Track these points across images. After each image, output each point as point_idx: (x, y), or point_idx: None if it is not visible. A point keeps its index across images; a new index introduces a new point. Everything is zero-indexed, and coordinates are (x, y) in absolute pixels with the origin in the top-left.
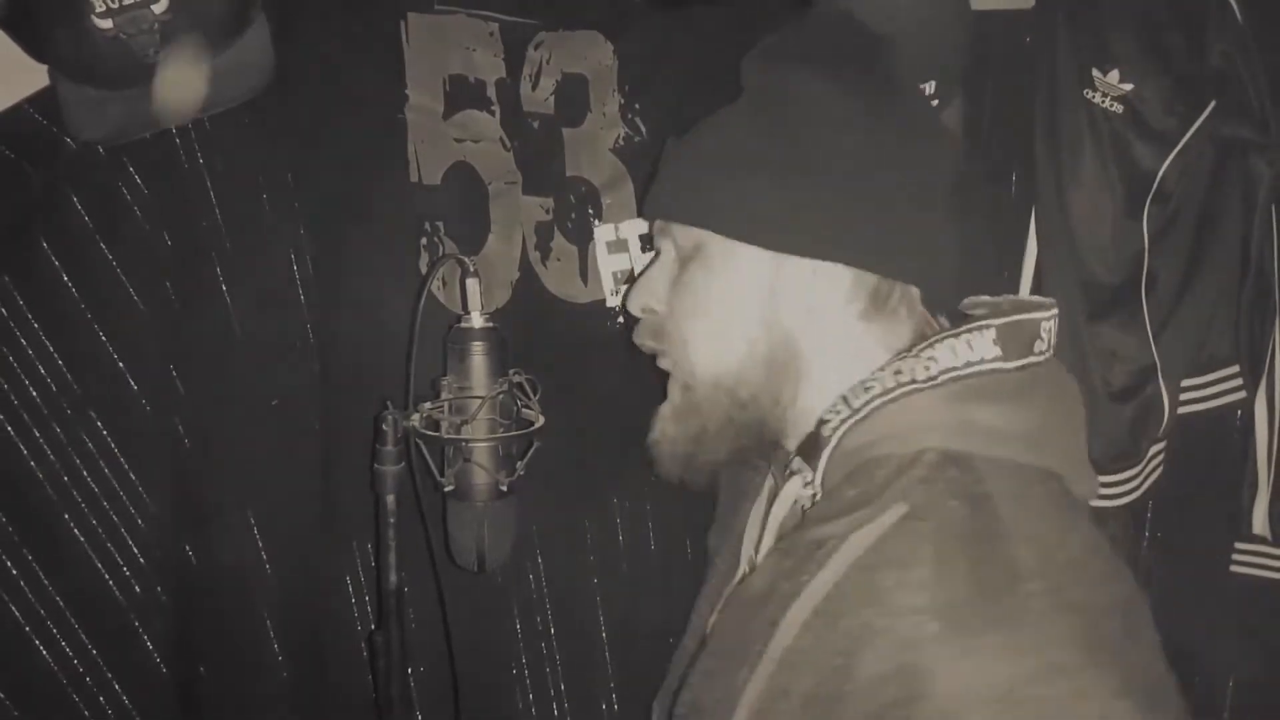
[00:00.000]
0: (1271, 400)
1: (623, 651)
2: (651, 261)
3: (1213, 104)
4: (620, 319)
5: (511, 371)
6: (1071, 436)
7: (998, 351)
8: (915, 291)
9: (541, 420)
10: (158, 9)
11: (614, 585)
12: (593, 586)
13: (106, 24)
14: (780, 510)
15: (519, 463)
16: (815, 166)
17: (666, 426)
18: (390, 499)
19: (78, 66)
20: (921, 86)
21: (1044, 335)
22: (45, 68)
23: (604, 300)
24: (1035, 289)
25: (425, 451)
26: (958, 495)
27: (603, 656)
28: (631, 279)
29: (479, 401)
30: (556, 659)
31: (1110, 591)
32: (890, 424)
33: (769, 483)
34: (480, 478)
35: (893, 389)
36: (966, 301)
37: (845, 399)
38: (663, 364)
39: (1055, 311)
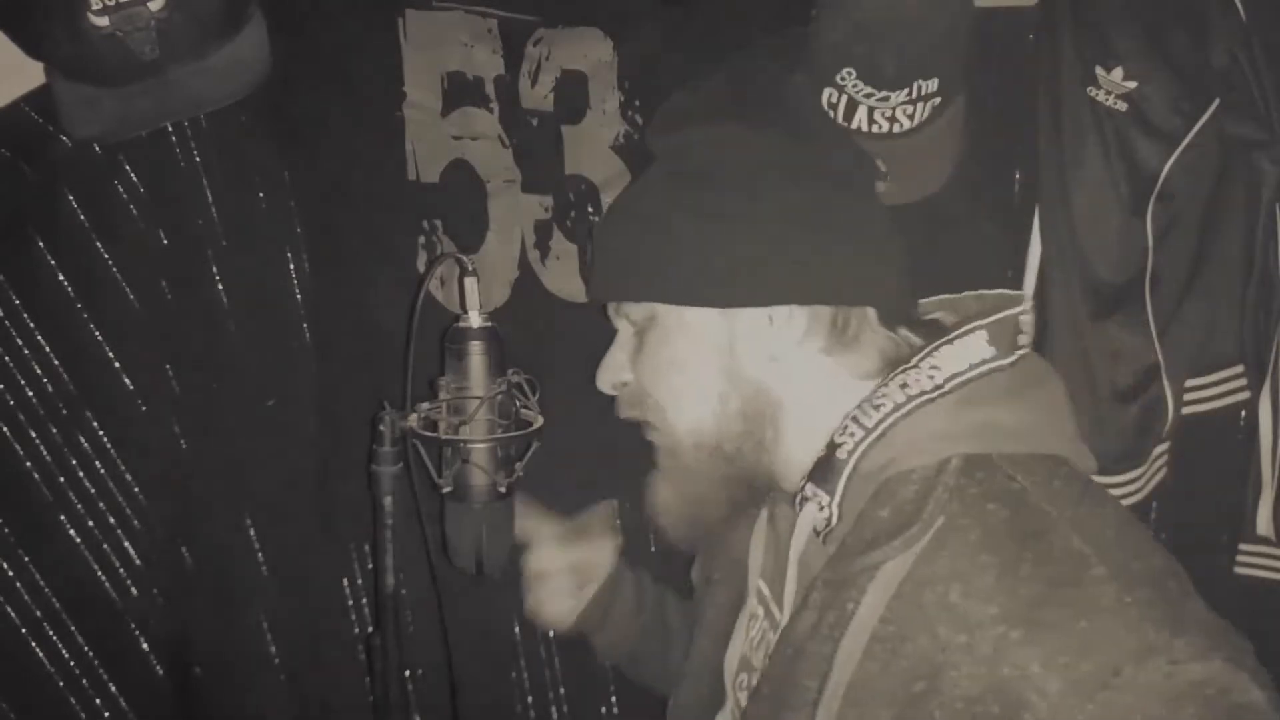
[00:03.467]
0: (1276, 400)
1: None
2: (613, 341)
3: (1217, 102)
4: None
5: (510, 371)
6: (1067, 419)
7: (993, 350)
8: (871, 313)
9: (540, 421)
10: (154, 6)
11: None
12: None
13: (103, 21)
14: (799, 541)
15: (518, 464)
16: (742, 214)
17: (662, 497)
18: (388, 500)
19: (74, 64)
20: (924, 83)
21: (1025, 328)
22: (41, 65)
23: None
24: (1039, 288)
25: (423, 452)
26: (993, 497)
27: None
28: None
29: (477, 402)
30: (555, 662)
31: (1158, 557)
32: (908, 438)
33: (764, 513)
34: (479, 479)
35: (903, 403)
36: (925, 302)
37: (856, 420)
38: (650, 436)
39: (1028, 305)
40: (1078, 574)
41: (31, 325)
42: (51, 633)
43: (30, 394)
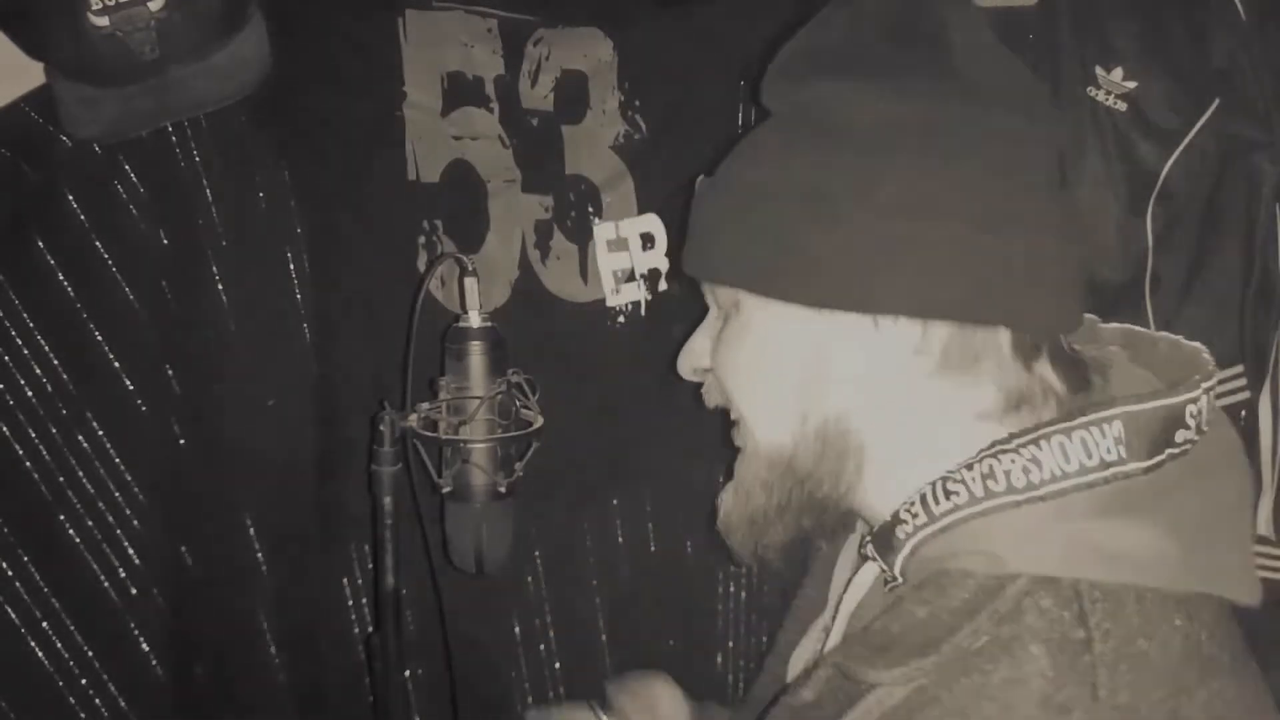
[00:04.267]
0: (1275, 400)
1: (622, 653)
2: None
3: (1216, 102)
4: (621, 318)
5: (510, 371)
6: (1225, 533)
7: (1122, 452)
8: (1004, 334)
9: (540, 421)
10: (154, 6)
11: (613, 587)
12: (591, 588)
13: (103, 21)
14: (856, 594)
15: (518, 464)
16: (863, 198)
17: (728, 509)
18: (388, 500)
19: (74, 64)
20: None
21: (1190, 421)
22: (41, 66)
23: (604, 299)
24: None
25: (423, 452)
26: (1044, 638)
27: (601, 658)
28: (631, 277)
29: (477, 402)
30: (555, 661)
31: None
32: (974, 541)
33: (854, 538)
34: (478, 479)
35: (981, 498)
36: (1085, 329)
37: (924, 501)
38: (734, 437)
39: (1210, 385)
40: None
41: (31, 325)
42: (51, 632)
43: (30, 394)
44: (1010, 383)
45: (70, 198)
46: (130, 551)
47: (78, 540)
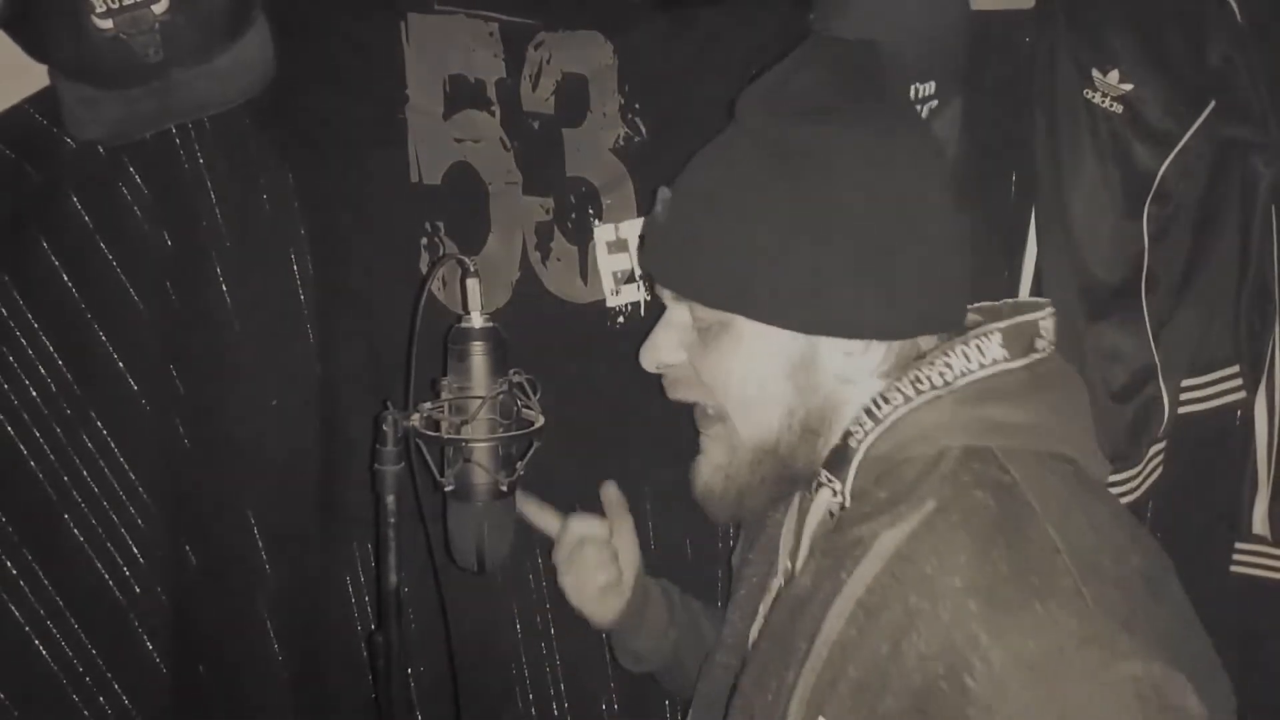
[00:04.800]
0: (1271, 400)
1: None
2: (661, 321)
3: (1212, 104)
4: (621, 319)
5: (511, 371)
6: (1080, 424)
7: (1005, 353)
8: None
9: (541, 420)
10: (158, 9)
11: None
12: None
13: (106, 24)
14: (813, 520)
15: (519, 463)
16: (851, 238)
17: (712, 483)
18: (390, 499)
19: (78, 66)
20: (921, 86)
21: (1044, 334)
22: (45, 68)
23: (604, 300)
24: (1035, 289)
25: (425, 452)
26: (983, 486)
27: (602, 656)
28: (631, 278)
29: (479, 401)
30: (556, 659)
31: (1134, 559)
32: (913, 429)
33: (797, 497)
34: (480, 478)
35: (913, 398)
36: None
37: (869, 412)
38: (703, 423)
39: (1051, 311)
40: (1044, 563)
41: (36, 325)
42: (55, 631)
43: (34, 394)
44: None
45: (74, 199)
46: (134, 550)
47: (82, 539)
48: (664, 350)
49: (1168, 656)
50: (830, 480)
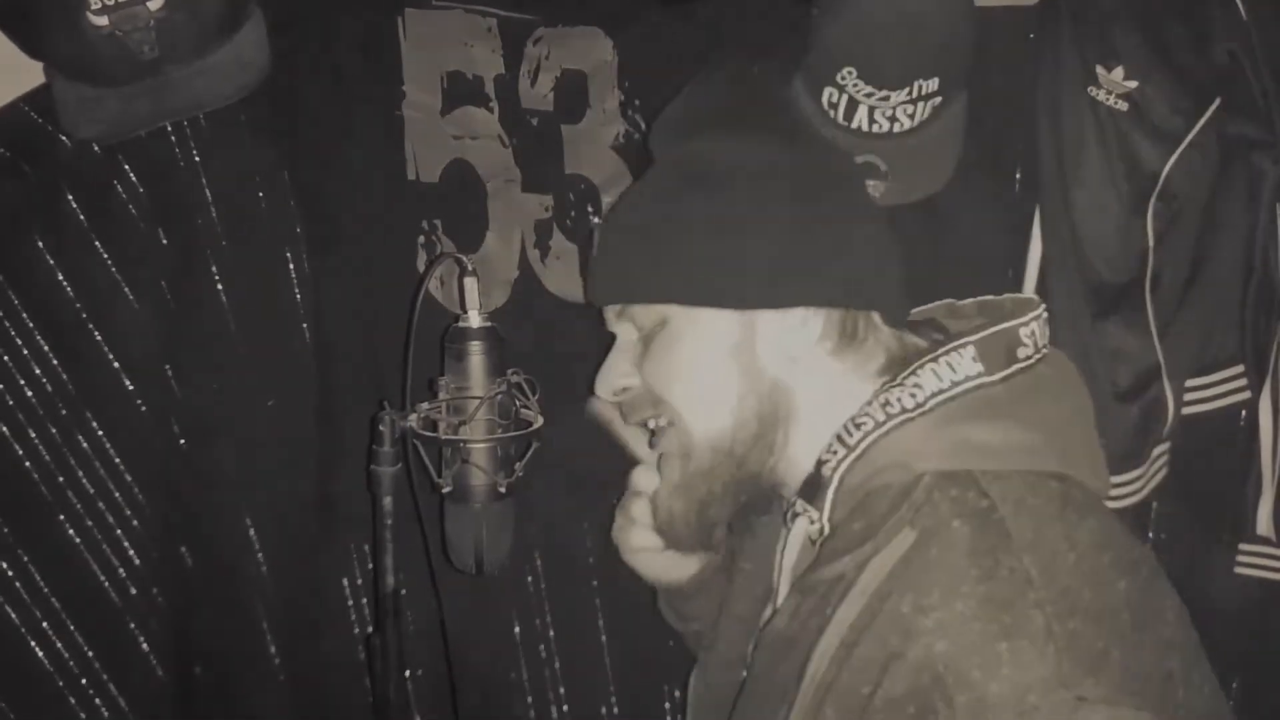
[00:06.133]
0: (1276, 400)
1: (622, 653)
2: (611, 349)
3: (1217, 102)
4: None
5: (510, 371)
6: (1074, 433)
7: (980, 368)
8: (876, 316)
9: (540, 421)
10: (153, 6)
11: (612, 587)
12: (591, 589)
13: (102, 21)
14: (792, 552)
15: (517, 464)
16: (754, 218)
17: (672, 504)
18: (387, 500)
19: (73, 64)
20: (924, 83)
21: (1026, 340)
22: (41, 65)
23: None
24: (1039, 287)
25: (423, 452)
26: (960, 514)
27: (601, 659)
28: None
29: (477, 402)
30: (555, 661)
31: (1121, 583)
32: (885, 455)
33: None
34: (478, 479)
35: (883, 422)
36: (928, 307)
37: (840, 438)
38: (657, 443)
39: (1037, 313)
40: (1014, 596)
41: (31, 325)
42: (51, 632)
43: (30, 394)
44: (891, 347)
45: (70, 197)
46: (130, 551)
47: (78, 540)
48: (615, 374)
49: (1137, 700)
50: (806, 509)
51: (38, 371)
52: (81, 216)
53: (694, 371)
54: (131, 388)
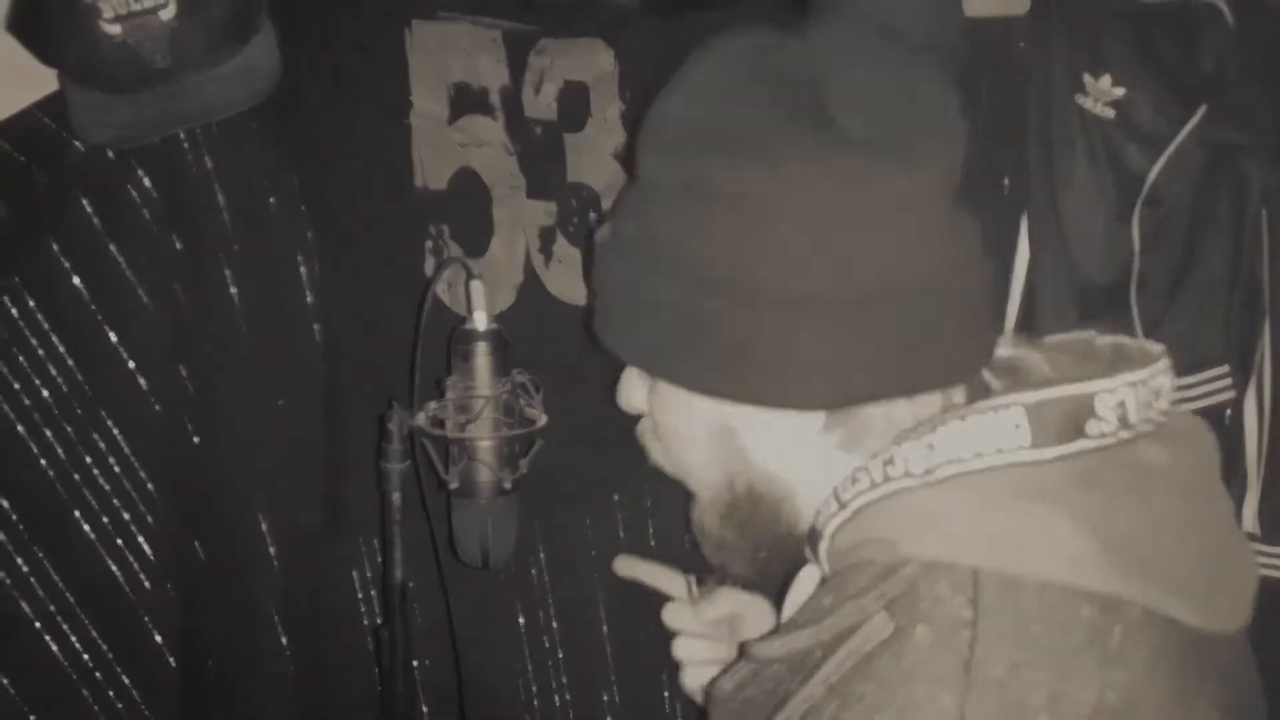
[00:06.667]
0: (1260, 399)
1: (624, 646)
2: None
3: (1204, 108)
4: None
5: (514, 372)
6: (1168, 545)
7: (1023, 439)
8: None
9: (544, 419)
10: (165, 15)
11: (615, 581)
12: (594, 583)
13: (115, 30)
14: (796, 596)
15: (522, 461)
16: (750, 282)
17: (699, 520)
18: (396, 496)
19: (86, 71)
20: None
21: (1104, 414)
22: (55, 72)
23: None
24: (1027, 291)
25: (430, 450)
26: (932, 620)
27: (604, 651)
28: None
29: (483, 401)
30: (559, 654)
31: None
32: (873, 526)
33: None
34: (484, 476)
35: (880, 483)
36: (1060, 338)
37: (835, 493)
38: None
39: (1135, 379)
40: None
41: (47, 327)
42: (65, 627)
43: (46, 394)
44: (918, 411)
45: (84, 202)
46: (144, 546)
47: (92, 535)
48: (623, 396)
49: None
50: (811, 558)
51: (54, 372)
52: (95, 220)
53: (679, 443)
54: (146, 387)
